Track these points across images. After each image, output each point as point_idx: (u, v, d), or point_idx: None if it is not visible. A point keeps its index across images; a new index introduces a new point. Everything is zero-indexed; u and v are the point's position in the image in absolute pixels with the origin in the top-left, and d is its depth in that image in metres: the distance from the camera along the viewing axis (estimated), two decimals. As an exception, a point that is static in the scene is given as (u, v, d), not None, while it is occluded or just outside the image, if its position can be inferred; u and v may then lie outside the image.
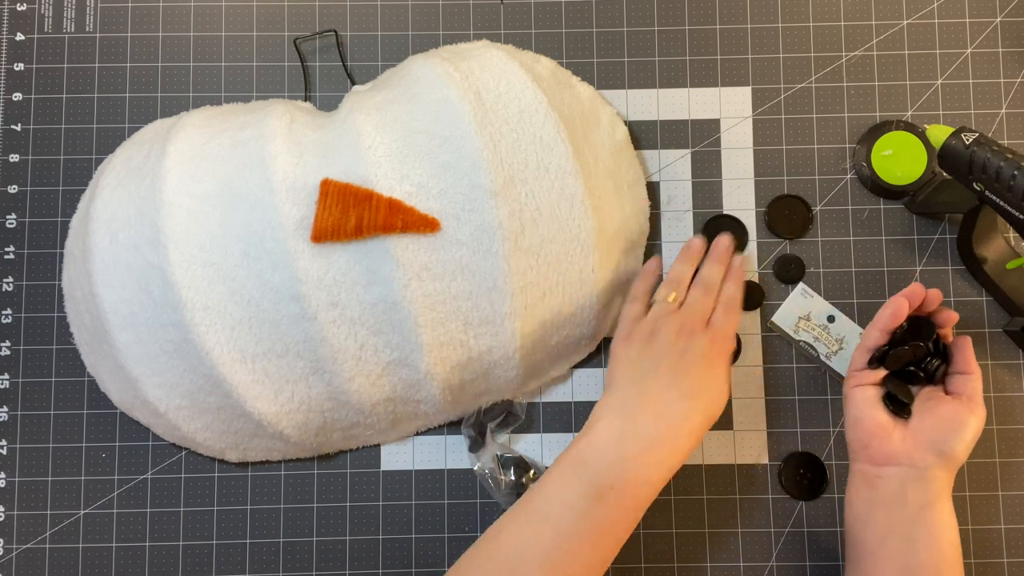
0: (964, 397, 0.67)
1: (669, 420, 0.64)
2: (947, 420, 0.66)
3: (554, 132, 0.70)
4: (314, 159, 0.68)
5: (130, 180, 0.70)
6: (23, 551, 0.76)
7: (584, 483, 0.62)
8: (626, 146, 0.77)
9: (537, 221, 0.68)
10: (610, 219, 0.73)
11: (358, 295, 0.67)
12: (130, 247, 0.68)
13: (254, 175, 0.67)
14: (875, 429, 0.67)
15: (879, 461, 0.67)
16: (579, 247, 0.70)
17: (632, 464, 0.63)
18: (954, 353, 0.69)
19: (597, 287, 0.72)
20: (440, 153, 0.67)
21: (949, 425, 0.66)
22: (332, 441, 0.75)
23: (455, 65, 0.71)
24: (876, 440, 0.67)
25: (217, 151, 0.69)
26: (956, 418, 0.66)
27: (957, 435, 0.65)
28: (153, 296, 0.67)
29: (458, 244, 0.67)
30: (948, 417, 0.66)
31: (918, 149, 0.78)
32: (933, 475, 0.65)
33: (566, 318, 0.72)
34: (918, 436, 0.66)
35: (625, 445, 0.63)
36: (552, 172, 0.69)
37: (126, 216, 0.69)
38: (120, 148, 0.75)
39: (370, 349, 0.68)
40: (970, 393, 0.67)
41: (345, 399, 0.70)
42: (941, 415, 0.66)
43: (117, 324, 0.69)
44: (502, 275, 0.68)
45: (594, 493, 0.62)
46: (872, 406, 0.68)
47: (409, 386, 0.70)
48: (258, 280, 0.67)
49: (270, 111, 0.71)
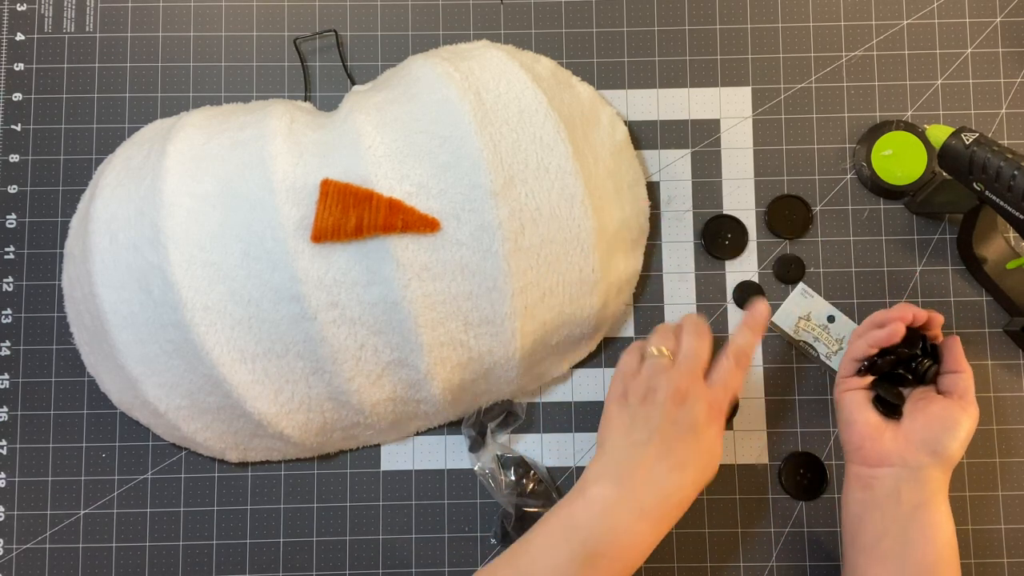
0: (955, 396, 0.67)
1: (661, 491, 0.62)
2: (939, 419, 0.66)
3: (554, 132, 0.70)
4: (314, 159, 0.68)
5: (130, 180, 0.70)
6: (23, 551, 0.76)
7: (575, 548, 0.61)
8: (626, 146, 0.77)
9: (537, 221, 0.68)
10: (610, 219, 0.73)
11: (358, 295, 0.67)
12: (130, 247, 0.68)
13: (254, 175, 0.67)
14: (867, 431, 0.67)
15: (873, 462, 0.67)
16: (579, 247, 0.70)
17: (624, 533, 0.61)
18: (944, 352, 0.69)
19: (597, 287, 0.72)
20: (440, 153, 0.67)
21: (941, 424, 0.66)
22: (332, 441, 0.75)
23: (455, 65, 0.71)
24: (869, 442, 0.67)
25: (217, 151, 0.69)
26: (948, 417, 0.66)
27: (950, 433, 0.65)
28: (153, 296, 0.67)
29: (458, 244, 0.67)
30: (940, 416, 0.66)
31: (918, 149, 0.78)
32: (927, 475, 0.65)
33: (566, 318, 0.72)
34: (910, 436, 0.66)
35: (618, 515, 0.62)
36: (552, 172, 0.69)
37: (126, 216, 0.69)
38: (120, 148, 0.75)
39: (370, 349, 0.68)
40: (961, 391, 0.67)
41: (345, 399, 0.70)
42: (933, 414, 0.66)
43: (117, 324, 0.68)
44: (502, 275, 0.68)
45: (584, 559, 0.61)
46: (863, 409, 0.68)
47: (409, 386, 0.70)
48: (258, 280, 0.66)
49: (270, 111, 0.71)
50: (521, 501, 0.74)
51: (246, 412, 0.69)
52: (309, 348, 0.67)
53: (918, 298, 0.78)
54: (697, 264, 0.79)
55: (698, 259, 0.79)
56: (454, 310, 0.68)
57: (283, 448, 0.74)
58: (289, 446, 0.73)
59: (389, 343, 0.68)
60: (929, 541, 0.64)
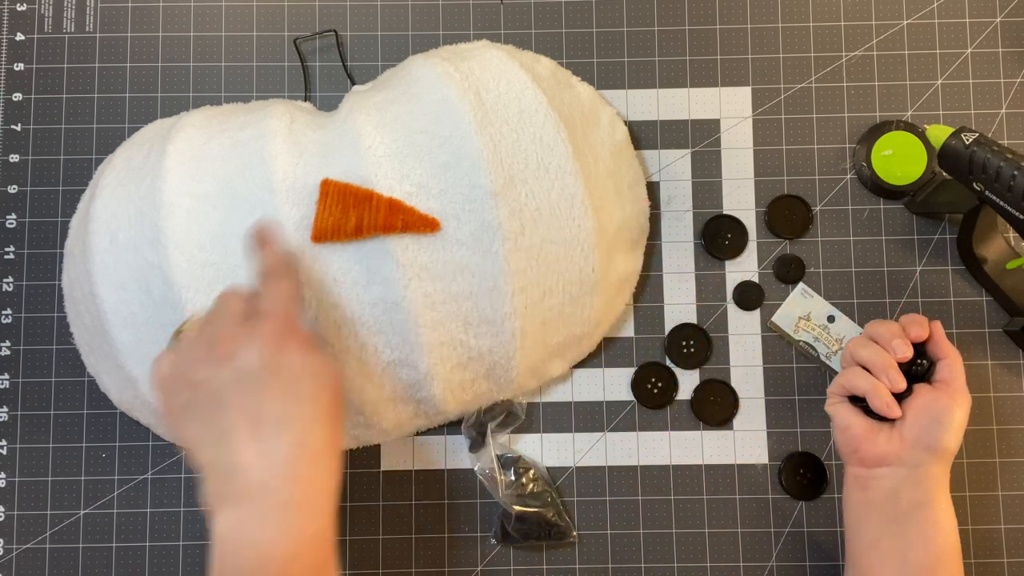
0: (943, 384, 0.67)
1: (286, 463, 0.51)
2: (928, 412, 0.65)
3: (554, 132, 0.70)
4: (314, 159, 0.68)
5: (130, 180, 0.70)
6: (23, 551, 0.76)
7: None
8: (626, 146, 0.77)
9: (537, 221, 0.68)
10: (610, 219, 0.73)
11: (358, 295, 0.67)
12: (130, 247, 0.68)
13: (254, 175, 0.67)
14: (861, 434, 0.67)
15: (870, 463, 0.67)
16: (579, 247, 0.70)
17: (284, 543, 0.50)
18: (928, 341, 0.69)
19: (598, 286, 0.72)
20: (440, 153, 0.67)
21: (931, 416, 0.65)
22: None
23: (455, 65, 0.71)
24: (864, 444, 0.67)
25: (217, 151, 0.69)
26: (937, 407, 0.65)
27: (942, 426, 0.65)
28: (153, 296, 0.67)
29: (458, 244, 0.67)
30: (930, 409, 0.65)
31: (918, 149, 0.78)
32: (926, 472, 0.65)
33: (566, 317, 0.72)
34: (904, 434, 0.66)
35: (259, 533, 0.50)
36: (552, 172, 0.69)
37: (126, 216, 0.69)
38: (120, 148, 0.75)
39: (370, 349, 0.68)
40: (949, 378, 0.67)
41: (345, 398, 0.70)
42: (923, 409, 0.66)
43: (117, 324, 0.68)
44: (502, 275, 0.68)
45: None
46: (855, 414, 0.68)
47: (409, 386, 0.70)
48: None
49: (270, 111, 0.71)
50: (521, 501, 0.74)
51: None
52: None
53: (918, 298, 0.78)
54: (697, 264, 0.79)
55: (698, 259, 0.79)
56: (454, 310, 0.68)
57: None
58: None
59: (389, 343, 0.68)
60: (929, 540, 0.64)
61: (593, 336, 0.76)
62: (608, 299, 0.74)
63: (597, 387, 0.78)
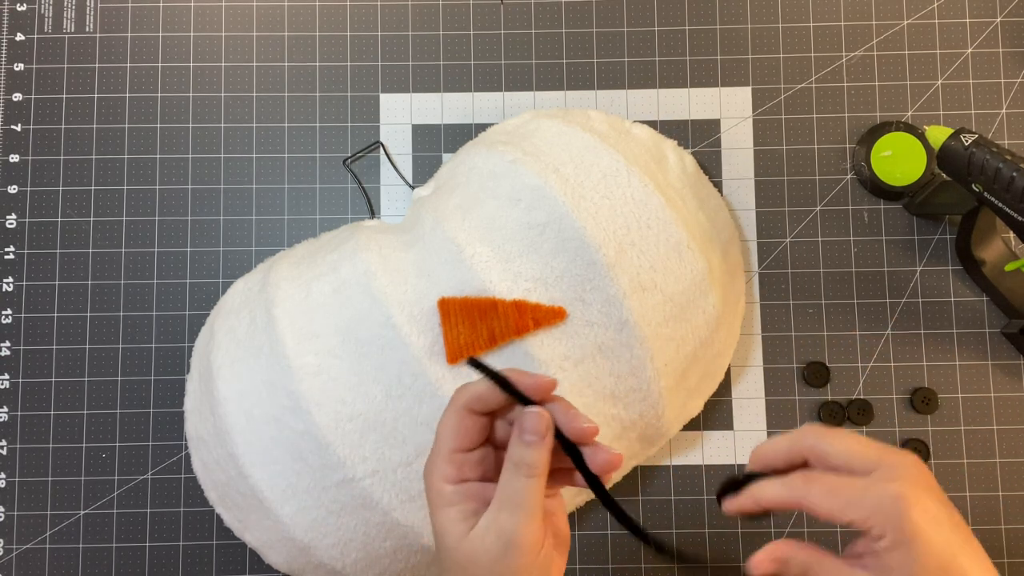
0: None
1: None
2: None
3: (641, 187, 0.68)
4: (419, 281, 0.66)
5: (245, 354, 0.68)
6: (23, 551, 0.76)
7: None
8: (699, 175, 0.77)
9: (655, 279, 0.67)
10: (713, 252, 0.72)
11: None
12: (270, 420, 0.66)
13: (371, 317, 0.65)
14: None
15: None
16: (698, 290, 0.69)
17: None
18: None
19: (721, 322, 0.71)
20: (543, 242, 0.66)
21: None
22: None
23: (520, 148, 0.69)
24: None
25: (321, 299, 0.67)
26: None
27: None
28: (309, 463, 0.65)
29: (589, 325, 0.65)
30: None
31: (918, 150, 0.79)
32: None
33: (698, 359, 0.71)
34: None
35: None
36: (654, 227, 0.68)
37: (255, 391, 0.66)
38: (214, 325, 0.72)
39: None
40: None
41: None
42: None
43: (277, 499, 0.66)
44: (638, 342, 0.66)
45: None
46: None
47: None
48: (407, 418, 0.65)
49: (357, 244, 0.68)
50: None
51: (423, 546, 0.67)
52: None
53: (918, 299, 0.79)
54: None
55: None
56: (600, 389, 0.67)
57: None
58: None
59: None
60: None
61: (723, 368, 0.75)
62: (729, 328, 0.74)
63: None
